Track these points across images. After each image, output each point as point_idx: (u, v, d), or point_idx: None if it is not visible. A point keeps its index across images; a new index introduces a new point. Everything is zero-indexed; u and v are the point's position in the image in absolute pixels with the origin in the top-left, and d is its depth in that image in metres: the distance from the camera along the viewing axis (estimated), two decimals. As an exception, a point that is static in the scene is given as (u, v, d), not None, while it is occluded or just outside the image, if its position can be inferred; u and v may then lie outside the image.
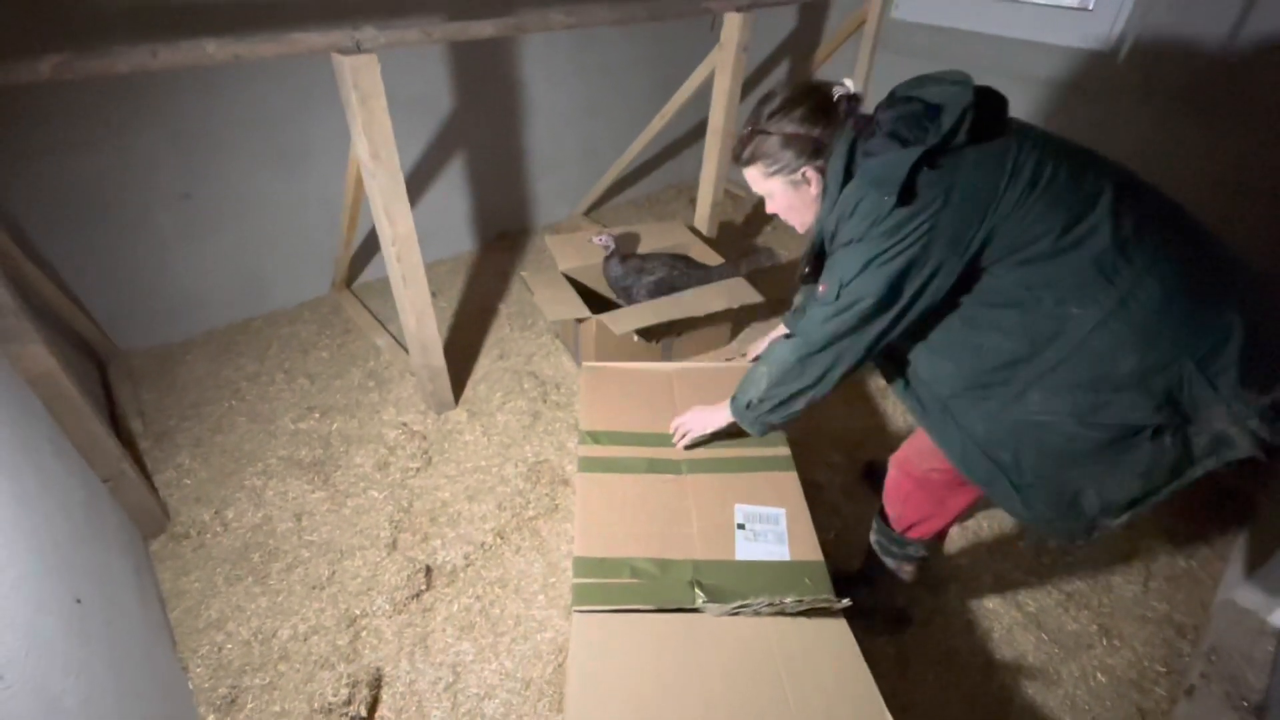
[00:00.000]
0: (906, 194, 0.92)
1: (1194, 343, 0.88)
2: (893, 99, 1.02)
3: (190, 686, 1.38)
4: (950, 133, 0.90)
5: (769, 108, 1.09)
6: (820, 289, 1.08)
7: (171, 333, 2.32)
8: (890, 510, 1.35)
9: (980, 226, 0.92)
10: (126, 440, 1.91)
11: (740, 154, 1.13)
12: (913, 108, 0.96)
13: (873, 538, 1.44)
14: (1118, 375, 0.90)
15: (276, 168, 2.28)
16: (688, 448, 1.41)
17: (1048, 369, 0.95)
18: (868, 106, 1.06)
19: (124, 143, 1.97)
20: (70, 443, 1.42)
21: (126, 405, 2.04)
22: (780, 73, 3.21)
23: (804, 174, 1.08)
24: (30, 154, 1.84)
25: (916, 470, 1.26)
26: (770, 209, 1.18)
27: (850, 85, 1.07)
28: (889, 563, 1.41)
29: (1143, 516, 0.98)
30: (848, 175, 1.02)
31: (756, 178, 1.14)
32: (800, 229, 1.19)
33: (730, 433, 1.38)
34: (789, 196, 1.12)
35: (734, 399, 1.28)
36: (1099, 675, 1.45)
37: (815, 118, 1.05)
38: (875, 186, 0.94)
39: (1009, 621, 1.55)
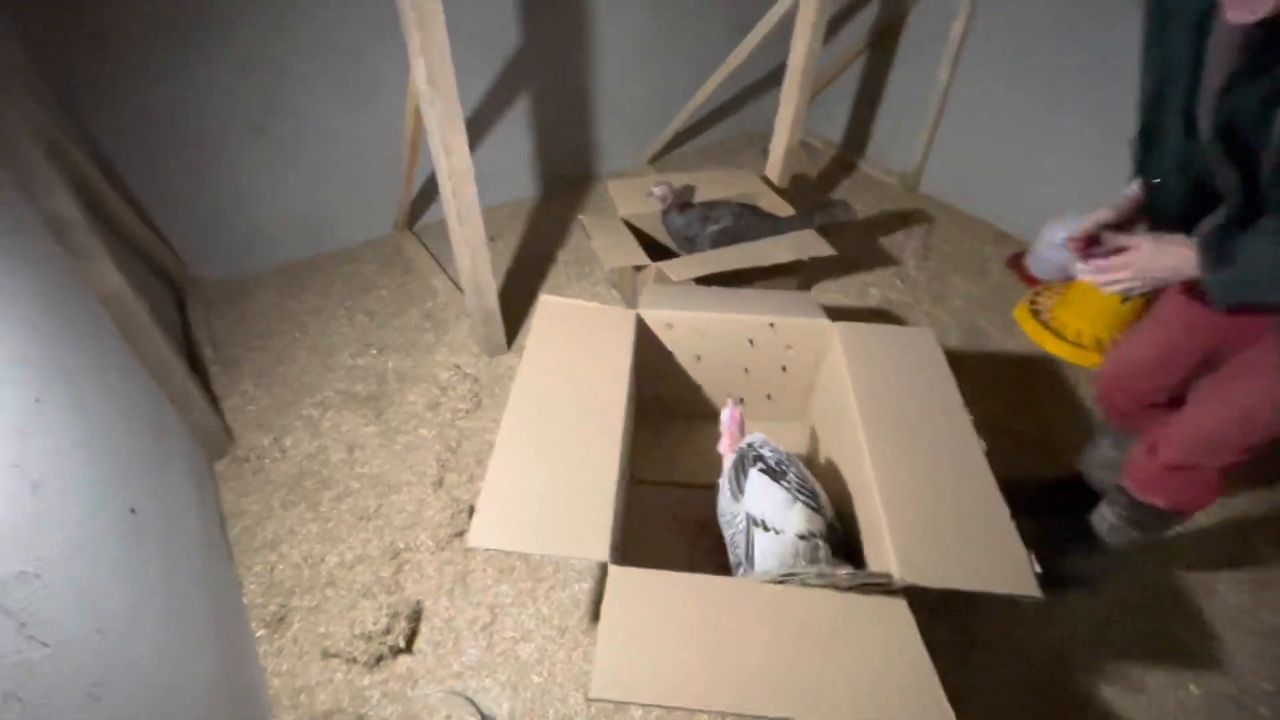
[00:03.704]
0: None
1: None
2: None
3: (244, 601, 1.43)
4: None
5: None
6: None
7: (244, 265, 2.39)
8: (1173, 499, 1.21)
9: None
10: (198, 365, 1.99)
11: None
12: None
13: (1110, 519, 1.32)
14: None
15: (346, 103, 2.26)
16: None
17: None
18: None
19: (200, 74, 1.98)
20: (139, 361, 1.46)
21: (200, 332, 2.12)
22: (871, 10, 2.93)
23: None
24: (114, 84, 1.88)
25: (1230, 453, 1.11)
26: None
27: None
28: (1134, 535, 1.30)
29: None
30: None
31: None
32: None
33: None
34: None
35: (1221, 264, 0.89)
36: (1191, 686, 1.30)
37: None
38: None
39: (1087, 616, 1.41)
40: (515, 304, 2.24)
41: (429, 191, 2.65)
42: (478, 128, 2.59)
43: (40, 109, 1.45)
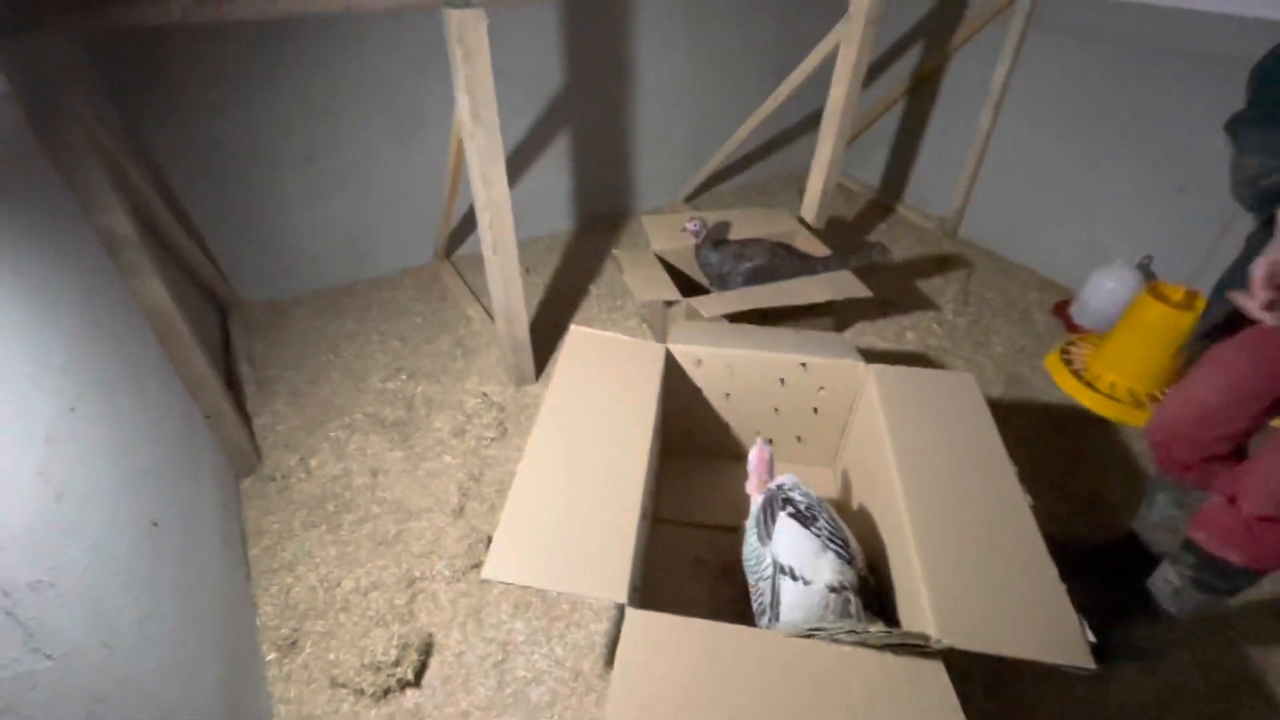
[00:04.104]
0: None
1: None
2: None
3: (257, 623, 1.41)
4: None
5: None
6: None
7: (286, 288, 2.46)
8: (1252, 554, 1.12)
9: None
10: (234, 383, 2.03)
11: None
12: None
13: (1174, 581, 1.23)
14: None
15: (392, 136, 2.35)
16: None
17: None
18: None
19: (257, 107, 2.08)
20: (177, 377, 1.50)
21: (240, 351, 2.17)
22: (911, 58, 2.95)
23: None
24: (177, 115, 1.98)
25: None
26: None
27: None
28: (1200, 599, 1.20)
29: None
30: None
31: None
32: None
33: None
34: None
35: None
36: (1265, 781, 1.17)
37: None
38: None
39: (1141, 693, 1.29)
40: (546, 336, 2.24)
41: (468, 223, 2.71)
42: (518, 163, 2.65)
43: (106, 133, 1.53)
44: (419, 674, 1.32)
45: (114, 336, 1.19)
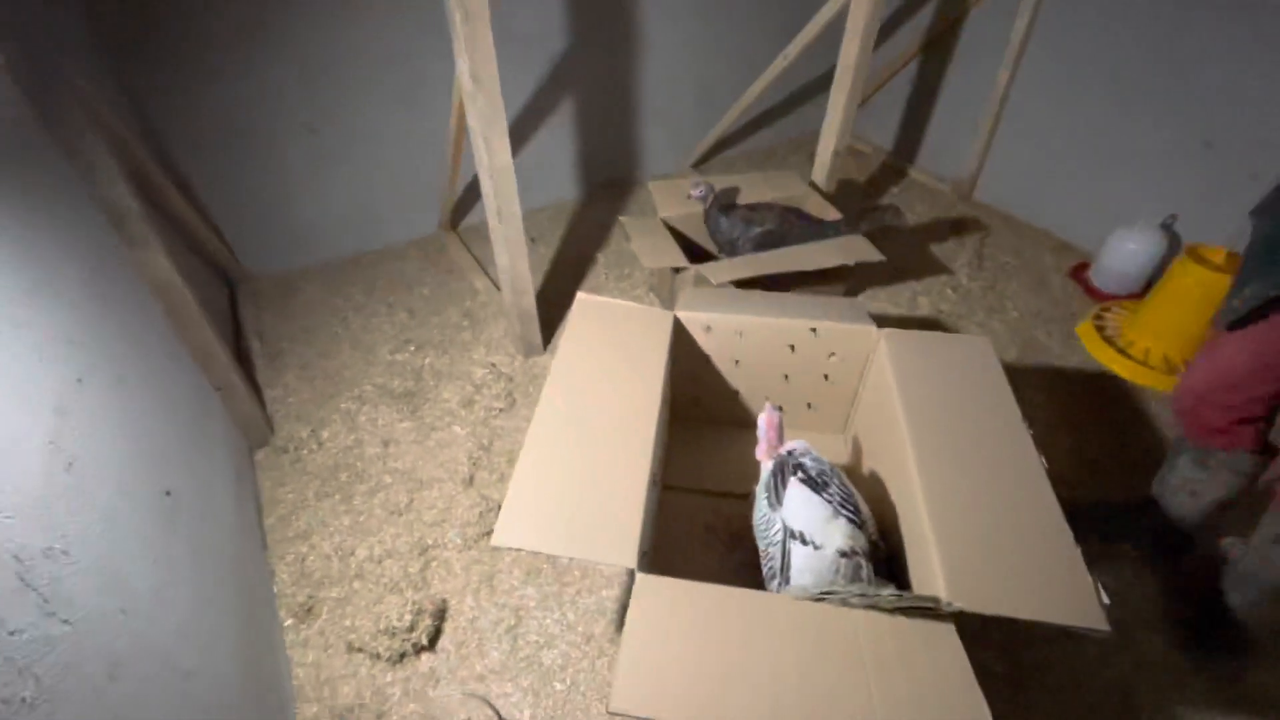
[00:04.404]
0: None
1: None
2: None
3: (274, 590, 1.44)
4: None
5: None
6: None
7: (293, 260, 2.45)
8: None
9: None
10: (244, 356, 2.04)
11: None
12: None
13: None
14: None
15: (395, 104, 2.31)
16: None
17: None
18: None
19: (256, 75, 2.05)
20: (185, 349, 1.50)
21: (248, 324, 2.18)
22: (926, 13, 2.84)
23: None
24: (179, 84, 1.95)
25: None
26: None
27: None
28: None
29: None
30: None
31: None
32: None
33: None
34: None
35: None
36: (1278, 742, 1.17)
37: None
38: None
39: (1155, 652, 1.29)
40: (553, 305, 2.23)
41: (474, 192, 2.67)
42: (522, 130, 2.60)
43: (106, 105, 1.51)
44: (433, 639, 1.34)
45: (120, 309, 1.19)
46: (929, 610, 0.92)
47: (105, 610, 0.77)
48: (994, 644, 1.30)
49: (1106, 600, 0.90)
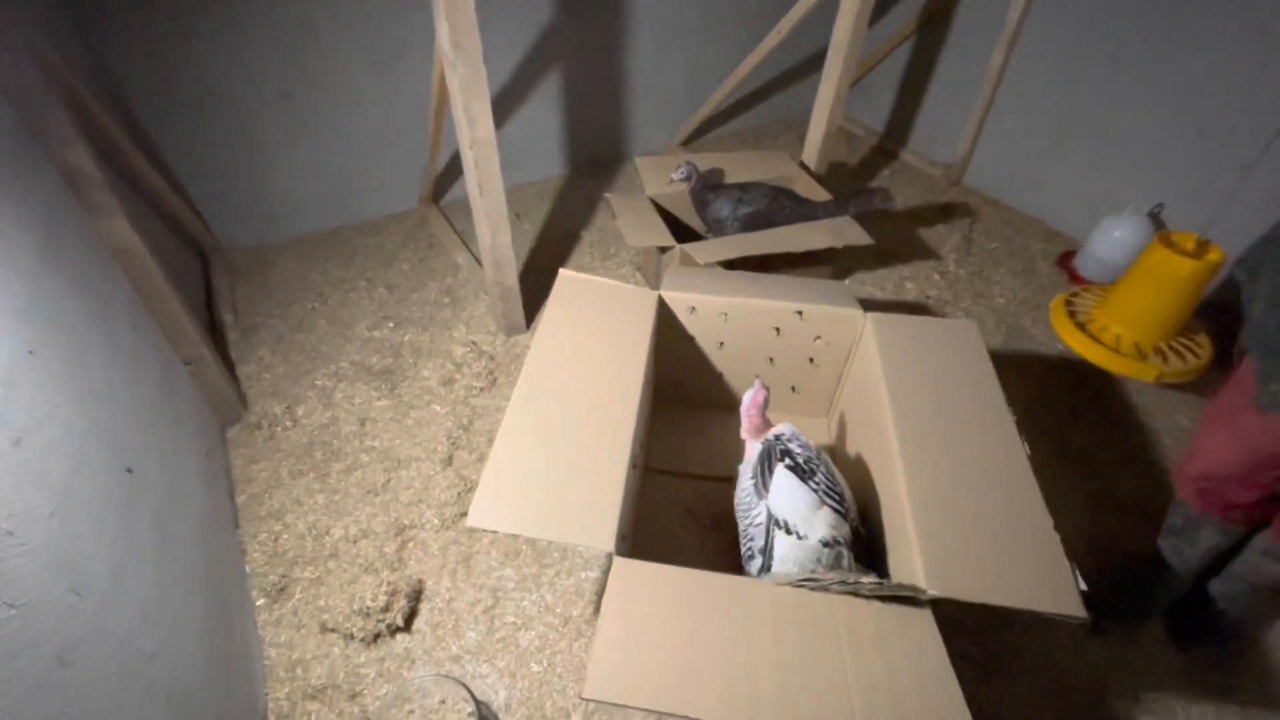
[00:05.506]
0: None
1: None
2: None
3: (246, 569, 1.41)
4: None
5: None
6: None
7: (269, 233, 2.38)
8: None
9: None
10: (217, 330, 1.98)
11: None
12: None
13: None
14: None
15: (373, 70, 2.23)
16: None
17: None
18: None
19: (230, 35, 1.96)
20: (152, 321, 1.45)
21: (222, 298, 2.11)
22: (922, -8, 2.79)
23: None
24: (147, 43, 1.86)
25: None
26: None
27: None
28: None
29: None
30: None
31: None
32: None
33: None
34: None
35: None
36: (1242, 724, 1.19)
37: None
38: None
39: (1132, 646, 1.31)
40: (536, 284, 2.18)
41: (457, 166, 2.60)
42: (507, 102, 2.53)
43: (67, 64, 1.43)
44: (409, 619, 1.32)
45: (79, 278, 1.14)
46: (907, 598, 0.91)
47: (55, 592, 0.73)
48: (969, 628, 1.31)
49: (1084, 587, 0.90)
